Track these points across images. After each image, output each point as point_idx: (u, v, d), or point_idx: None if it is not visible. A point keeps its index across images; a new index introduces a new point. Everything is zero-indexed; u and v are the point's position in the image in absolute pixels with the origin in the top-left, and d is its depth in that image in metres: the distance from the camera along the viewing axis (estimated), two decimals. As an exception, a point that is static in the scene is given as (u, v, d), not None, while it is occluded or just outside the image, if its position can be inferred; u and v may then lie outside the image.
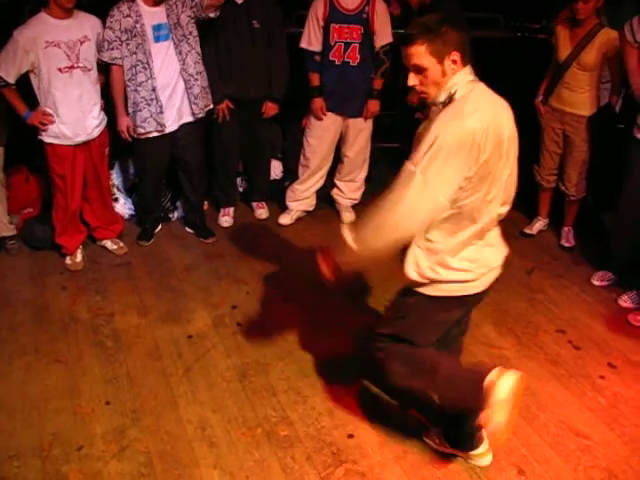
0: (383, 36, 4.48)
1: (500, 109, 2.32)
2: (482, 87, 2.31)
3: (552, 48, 4.35)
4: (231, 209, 5.09)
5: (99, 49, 4.06)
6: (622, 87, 4.35)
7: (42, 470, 2.81)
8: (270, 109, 4.70)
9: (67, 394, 3.25)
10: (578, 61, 4.14)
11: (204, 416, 3.11)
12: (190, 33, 4.19)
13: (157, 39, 4.09)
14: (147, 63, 4.10)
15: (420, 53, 2.22)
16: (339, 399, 3.22)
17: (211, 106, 4.50)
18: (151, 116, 4.21)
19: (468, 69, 2.28)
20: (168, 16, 4.07)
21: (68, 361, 3.49)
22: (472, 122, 2.15)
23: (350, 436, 3.00)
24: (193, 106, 4.31)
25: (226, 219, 5.04)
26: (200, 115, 4.38)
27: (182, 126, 4.35)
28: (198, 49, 4.28)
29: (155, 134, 4.29)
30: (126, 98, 4.23)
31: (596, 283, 4.22)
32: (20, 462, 2.84)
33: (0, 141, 4.27)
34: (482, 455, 2.82)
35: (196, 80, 4.28)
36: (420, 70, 2.26)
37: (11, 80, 3.87)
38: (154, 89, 4.16)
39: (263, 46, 4.50)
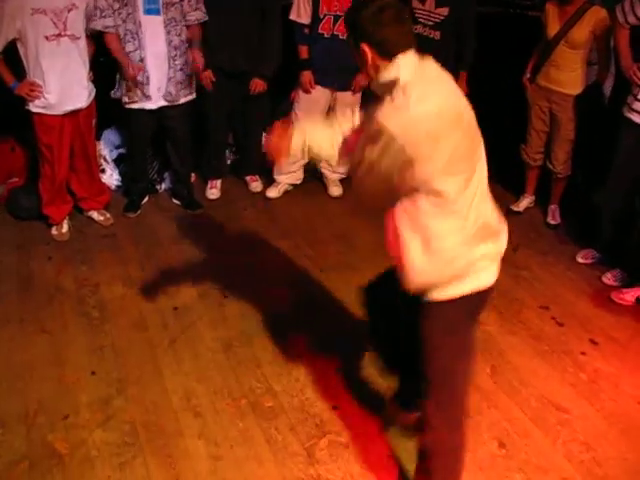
0: None
1: (448, 86, 2.12)
2: (428, 66, 2.13)
3: (541, 26, 4.34)
4: (218, 181, 5.08)
5: (91, 18, 4.02)
6: (610, 67, 4.35)
7: (27, 438, 2.82)
8: (258, 85, 4.66)
9: (52, 363, 3.26)
10: (566, 39, 4.13)
11: (189, 386, 3.13)
12: (180, 21, 4.18)
13: (148, 12, 4.08)
14: (136, 33, 4.09)
15: (355, 37, 2.12)
16: (323, 371, 3.24)
17: (193, 96, 4.50)
18: (137, 86, 4.20)
19: (411, 53, 2.10)
20: None
21: (53, 331, 3.49)
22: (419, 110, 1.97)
23: (334, 408, 3.03)
24: (174, 90, 4.31)
25: (213, 191, 5.03)
26: (181, 101, 4.39)
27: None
28: (184, 37, 4.29)
29: (140, 104, 4.29)
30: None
31: (581, 261, 4.26)
32: (5, 430, 2.86)
33: None
34: None
35: (174, 66, 4.26)
36: (361, 53, 2.13)
37: None
38: (142, 59, 4.14)
39: (254, 18, 4.46)
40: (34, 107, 4.00)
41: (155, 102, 4.31)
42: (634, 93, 3.76)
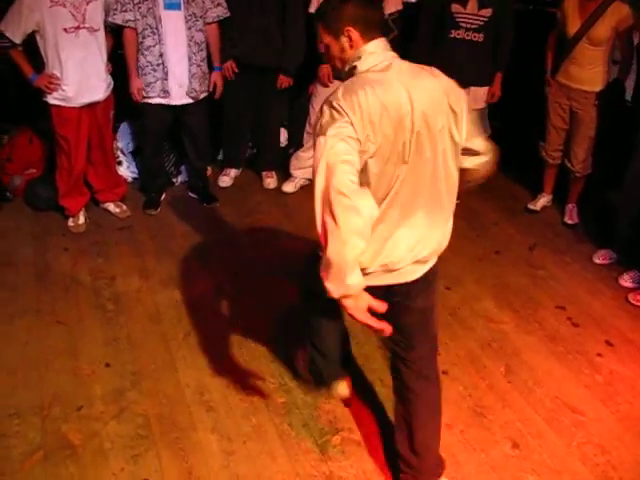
0: (391, 3, 4.43)
1: (416, 87, 2.04)
2: (395, 62, 2.11)
3: (558, 22, 4.30)
4: (232, 170, 5.11)
5: (112, 11, 4.05)
6: (632, 63, 4.30)
7: (42, 429, 2.84)
8: (284, 81, 4.69)
9: (67, 355, 3.28)
10: (588, 36, 4.09)
11: (203, 380, 3.13)
12: (200, 16, 4.19)
13: (168, 6, 4.08)
14: (156, 28, 4.09)
15: (320, 30, 2.18)
16: (337, 368, 3.24)
17: (208, 91, 4.51)
18: (156, 81, 4.22)
19: (375, 44, 2.11)
20: None
21: (69, 322, 3.51)
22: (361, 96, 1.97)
23: (347, 405, 3.03)
24: (198, 86, 4.34)
25: (224, 179, 5.07)
26: (201, 96, 4.40)
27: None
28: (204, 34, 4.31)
29: (158, 100, 4.30)
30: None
31: (598, 261, 4.21)
32: (20, 420, 2.88)
33: None
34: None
35: (197, 61, 4.28)
36: (325, 46, 2.19)
37: (17, 40, 3.83)
38: (161, 54, 4.15)
39: (274, 13, 4.45)
40: (52, 99, 4.01)
41: (177, 99, 4.32)
42: None
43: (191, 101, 4.36)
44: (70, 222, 4.39)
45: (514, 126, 5.51)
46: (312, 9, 4.49)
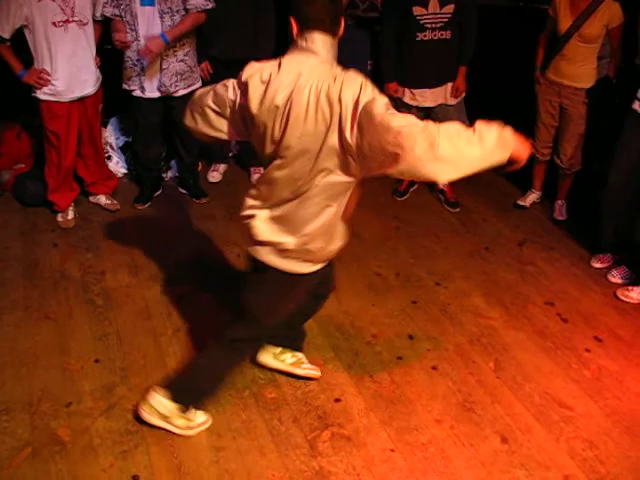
0: None
1: (294, 81, 2.21)
2: (295, 55, 2.28)
3: (549, 19, 4.31)
4: (222, 165, 5.12)
5: (99, 3, 4.03)
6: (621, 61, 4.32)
7: (31, 424, 2.84)
8: None
9: (56, 351, 3.27)
10: (580, 33, 4.09)
11: (193, 376, 3.13)
12: (177, 11, 4.11)
13: (143, 2, 4.03)
14: (133, 25, 4.07)
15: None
16: (327, 363, 3.24)
17: (196, 86, 4.35)
18: (136, 75, 4.23)
19: (304, 36, 2.25)
20: None
21: (58, 318, 3.50)
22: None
23: (337, 400, 3.03)
24: (168, 82, 4.26)
25: (214, 174, 5.08)
26: (179, 93, 4.32)
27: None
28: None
29: (139, 93, 4.29)
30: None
31: (597, 265, 4.16)
32: (9, 416, 2.87)
33: None
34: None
35: (172, 57, 4.21)
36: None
37: (6, 35, 3.81)
38: (138, 51, 4.12)
39: (249, 6, 4.41)
40: (42, 94, 3.99)
41: (149, 93, 4.29)
42: None
43: (173, 95, 4.30)
44: (59, 217, 4.37)
45: (503, 122, 5.52)
46: None
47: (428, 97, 4.53)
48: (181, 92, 4.33)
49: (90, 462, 2.68)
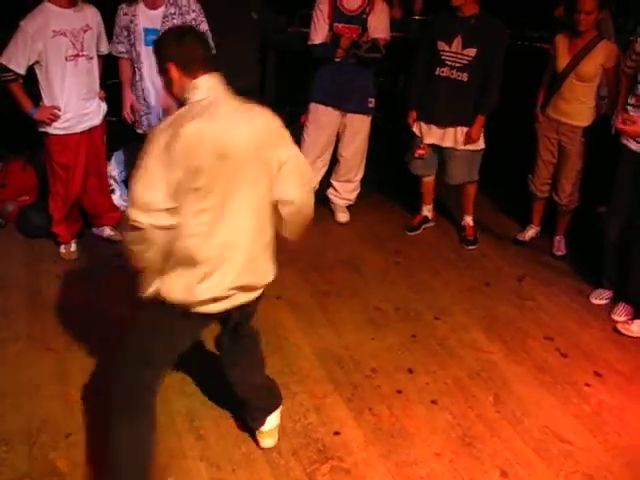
0: (377, 31, 4.51)
1: (238, 124, 2.27)
2: (222, 99, 2.31)
3: (550, 58, 4.39)
4: None
5: (101, 39, 4.15)
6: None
7: (29, 456, 2.83)
8: None
9: (58, 382, 3.27)
10: (576, 72, 4.18)
11: (192, 408, 3.14)
12: None
13: (148, 43, 4.09)
14: (138, 64, 4.18)
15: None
16: (326, 396, 3.25)
17: None
18: (143, 114, 4.32)
19: (203, 80, 2.29)
20: (163, 23, 4.07)
21: (59, 349, 3.51)
22: (185, 128, 2.16)
23: (336, 433, 3.03)
24: None
25: None
26: None
27: None
28: None
29: (143, 130, 4.34)
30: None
31: (595, 302, 4.18)
32: (8, 447, 2.86)
33: None
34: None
35: None
36: (164, 76, 2.40)
37: (22, 71, 3.87)
38: (143, 90, 4.22)
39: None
40: (53, 129, 4.06)
41: None
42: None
43: None
44: (62, 249, 4.40)
45: (502, 158, 5.59)
46: (316, 40, 4.56)
47: (434, 134, 4.60)
48: None
49: (89, 494, 2.67)
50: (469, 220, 4.94)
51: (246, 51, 4.58)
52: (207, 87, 2.30)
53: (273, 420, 2.90)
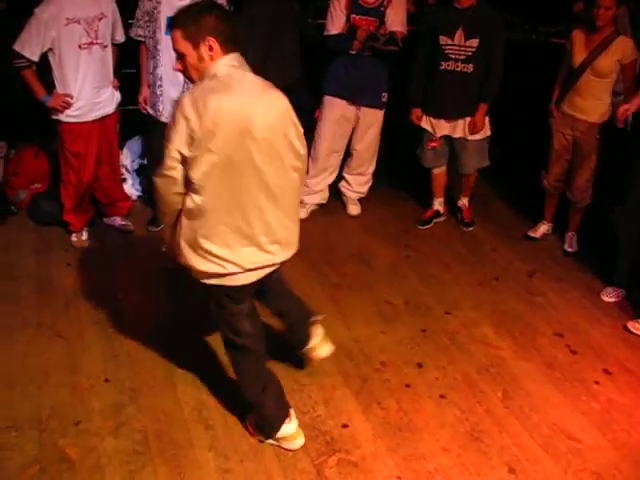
0: (394, 24, 4.49)
1: (260, 102, 2.38)
2: (248, 76, 2.40)
3: (566, 53, 4.35)
4: None
5: (117, 27, 4.16)
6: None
7: (39, 442, 2.85)
8: None
9: (67, 369, 3.29)
10: (592, 67, 4.14)
11: (201, 398, 3.14)
12: None
13: (167, 32, 4.07)
14: (156, 51, 4.15)
15: (177, 38, 2.35)
16: (335, 389, 3.25)
17: None
18: (156, 101, 4.28)
19: (232, 57, 2.37)
20: None
21: (69, 337, 3.52)
22: (211, 101, 2.26)
23: (344, 426, 3.03)
24: None
25: None
26: None
27: None
28: None
29: (156, 117, 4.32)
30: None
31: (606, 299, 4.16)
32: (18, 433, 2.88)
33: None
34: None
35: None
36: (180, 55, 2.38)
37: (35, 58, 3.87)
38: (160, 77, 4.19)
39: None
40: (65, 117, 4.06)
41: (168, 117, 4.34)
42: None
43: None
44: (73, 237, 4.41)
45: (515, 154, 5.57)
46: (333, 31, 4.54)
47: (445, 126, 4.61)
48: None
49: (97, 481, 2.69)
50: (465, 201, 5.03)
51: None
52: (235, 63, 2.37)
53: (319, 330, 3.14)
